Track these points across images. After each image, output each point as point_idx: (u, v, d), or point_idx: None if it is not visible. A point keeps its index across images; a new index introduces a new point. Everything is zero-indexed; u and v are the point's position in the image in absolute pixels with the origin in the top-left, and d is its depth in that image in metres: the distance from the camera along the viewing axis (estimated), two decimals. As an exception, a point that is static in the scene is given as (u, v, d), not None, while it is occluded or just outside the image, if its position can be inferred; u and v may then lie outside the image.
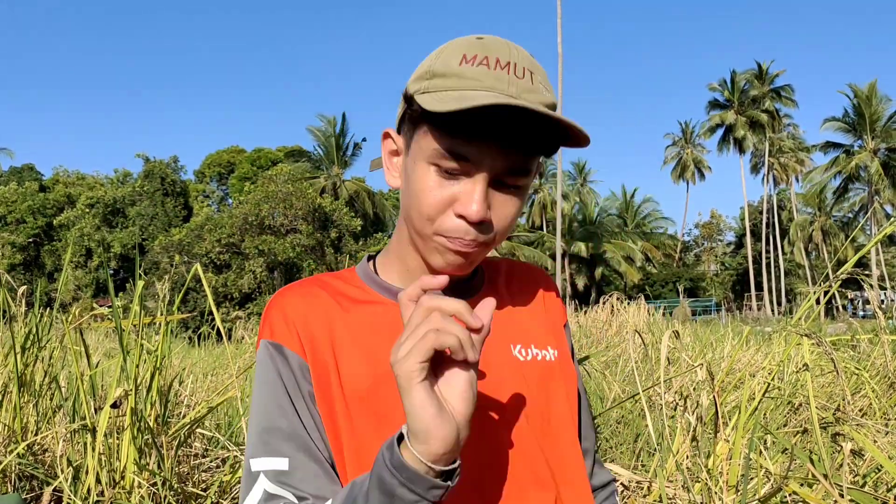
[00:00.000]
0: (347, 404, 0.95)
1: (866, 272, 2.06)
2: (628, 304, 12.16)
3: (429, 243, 0.96)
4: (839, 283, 2.03)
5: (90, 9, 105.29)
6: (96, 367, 2.37)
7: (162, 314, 2.47)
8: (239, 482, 2.02)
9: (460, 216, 0.92)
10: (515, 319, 1.08)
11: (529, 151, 0.92)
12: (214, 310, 2.05)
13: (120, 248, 42.75)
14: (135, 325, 2.31)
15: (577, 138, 0.91)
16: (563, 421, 1.05)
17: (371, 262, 1.10)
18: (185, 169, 55.10)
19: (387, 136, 1.01)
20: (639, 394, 2.24)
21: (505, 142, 0.89)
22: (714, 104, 55.47)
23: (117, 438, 2.05)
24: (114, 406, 1.89)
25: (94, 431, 1.96)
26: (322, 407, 0.96)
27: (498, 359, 1.01)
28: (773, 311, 48.65)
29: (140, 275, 2.02)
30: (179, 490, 2.07)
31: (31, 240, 45.07)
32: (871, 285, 2.35)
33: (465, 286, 1.07)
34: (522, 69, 0.92)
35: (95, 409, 2.13)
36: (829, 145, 48.84)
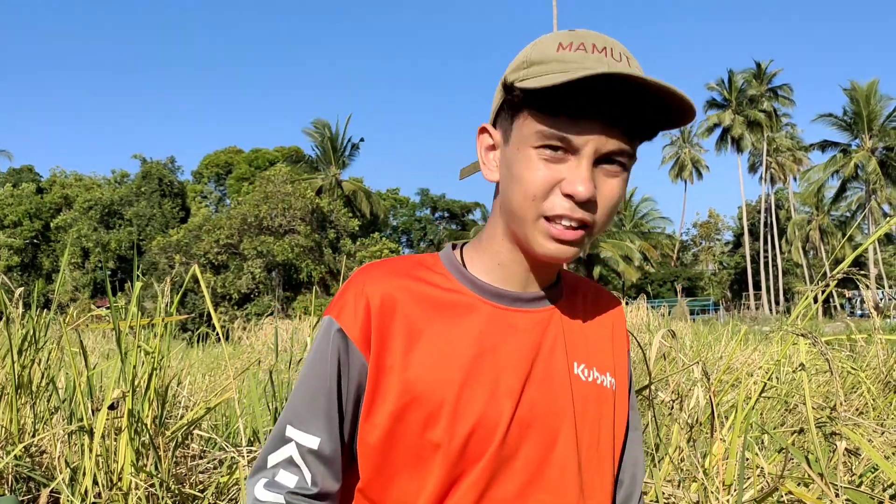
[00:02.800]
0: (400, 400, 0.96)
1: (863, 271, 2.06)
2: (628, 303, 12.17)
3: (534, 229, 0.95)
4: (836, 282, 2.04)
5: (87, 10, 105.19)
6: (94, 368, 2.37)
7: (160, 315, 2.48)
8: (236, 483, 2.03)
9: (567, 195, 0.92)
10: (585, 338, 1.07)
11: (632, 132, 0.94)
12: (212, 311, 2.05)
13: (117, 247, 42.72)
14: (132, 327, 2.31)
15: (681, 113, 0.92)
16: (608, 451, 1.05)
17: (458, 251, 1.07)
18: (182, 170, 55.14)
19: (483, 130, 1.01)
20: (637, 393, 2.24)
21: (609, 119, 0.91)
22: (712, 104, 55.49)
23: (115, 440, 2.05)
24: (111, 407, 1.89)
25: (91, 433, 1.97)
26: (367, 403, 0.99)
27: (560, 373, 1.01)
28: (771, 310, 48.68)
29: (138, 276, 2.02)
30: (177, 491, 2.07)
31: (28, 241, 45.02)
32: (868, 285, 2.35)
33: (548, 291, 1.04)
34: (619, 53, 0.93)
35: (93, 411, 2.13)
36: (826, 144, 48.87)
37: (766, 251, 53.78)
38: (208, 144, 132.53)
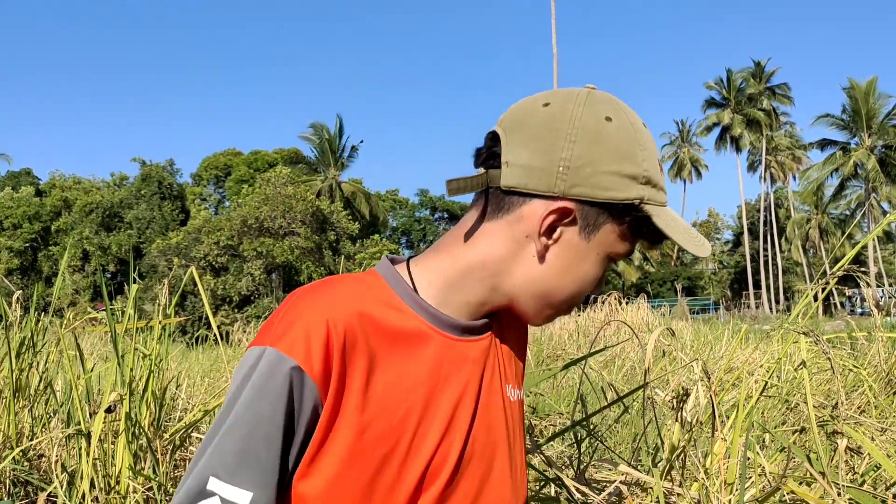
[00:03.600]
0: (356, 444, 0.88)
1: (863, 269, 2.05)
2: (627, 303, 12.17)
3: (547, 310, 0.98)
4: (836, 280, 2.03)
5: (85, 12, 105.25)
6: (91, 371, 2.36)
7: (157, 318, 2.47)
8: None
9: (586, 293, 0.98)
10: (509, 356, 1.06)
11: None
12: (210, 313, 2.04)
13: (117, 250, 42.74)
14: (128, 330, 2.30)
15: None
16: (523, 456, 1.08)
17: (403, 268, 0.99)
18: (181, 172, 55.14)
19: (570, 212, 0.91)
20: (634, 391, 2.23)
21: None
22: (711, 103, 55.56)
23: (112, 443, 2.04)
24: (108, 411, 1.88)
25: (88, 436, 1.96)
26: (313, 447, 0.88)
27: (497, 401, 1.01)
28: (771, 308, 48.68)
29: (135, 278, 2.01)
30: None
31: (27, 244, 45.04)
32: (868, 282, 2.34)
33: (489, 316, 1.02)
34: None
35: (90, 414, 2.12)
36: (826, 143, 48.91)
37: (765, 250, 53.80)
38: (207, 147, 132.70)
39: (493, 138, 0.94)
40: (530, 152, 0.90)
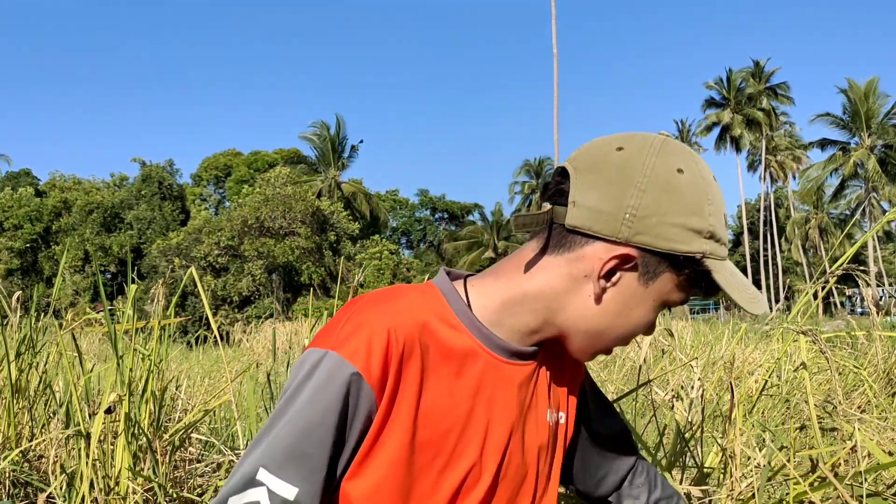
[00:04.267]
0: (402, 451, 0.92)
1: (863, 269, 2.05)
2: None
3: (594, 348, 1.01)
4: (836, 279, 2.03)
5: (83, 13, 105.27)
6: (91, 371, 2.35)
7: (156, 318, 2.46)
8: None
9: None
10: (554, 382, 1.10)
11: None
12: (209, 314, 2.04)
13: (118, 251, 42.76)
14: (127, 330, 2.30)
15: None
16: (556, 482, 1.10)
17: (461, 285, 1.02)
18: (181, 173, 55.14)
19: (632, 259, 0.93)
20: (633, 391, 2.22)
21: None
22: (710, 102, 55.56)
23: (112, 444, 2.04)
24: (107, 411, 1.88)
25: (88, 437, 1.95)
26: (364, 450, 0.92)
27: (537, 425, 1.05)
28: (771, 308, 48.66)
29: (133, 278, 2.01)
30: (175, 495, 2.05)
31: (28, 245, 45.05)
32: (867, 281, 2.34)
33: (538, 344, 1.04)
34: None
35: (90, 415, 2.12)
36: (826, 142, 48.93)
37: (765, 250, 53.81)
38: (207, 147, 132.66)
39: (562, 174, 0.96)
40: (598, 195, 0.92)
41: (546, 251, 0.97)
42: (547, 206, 0.96)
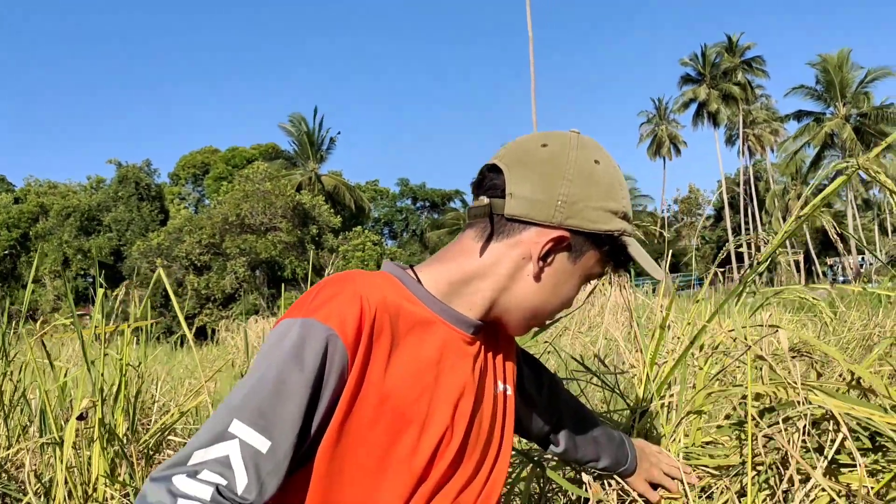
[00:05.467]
0: (376, 412, 0.98)
1: (843, 236, 2.05)
2: (610, 283, 12.19)
3: (531, 323, 1.13)
4: (817, 247, 2.02)
5: (53, 14, 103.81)
6: (65, 377, 2.32)
7: (130, 321, 2.43)
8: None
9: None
10: (498, 357, 1.20)
11: None
12: (181, 315, 2.01)
13: (98, 254, 42.33)
14: (98, 336, 2.27)
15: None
16: (509, 449, 1.20)
17: (409, 271, 1.10)
18: (158, 172, 54.57)
19: (566, 240, 1.06)
20: (623, 372, 2.22)
21: None
22: (686, 79, 55.69)
23: (88, 450, 2.01)
24: (80, 418, 1.85)
25: (63, 444, 1.92)
26: (342, 410, 0.96)
27: (492, 393, 1.16)
28: (755, 281, 49.00)
29: (101, 283, 1.98)
30: (153, 499, 2.03)
31: (6, 252, 44.52)
32: (852, 237, 2.35)
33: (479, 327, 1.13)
34: None
35: (64, 422, 2.09)
36: (801, 114, 49.19)
37: (746, 223, 54.18)
38: (184, 145, 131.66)
39: (492, 170, 1.08)
40: (532, 187, 1.04)
41: (486, 238, 1.08)
42: (484, 199, 1.08)
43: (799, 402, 1.42)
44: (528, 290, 1.08)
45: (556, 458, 1.62)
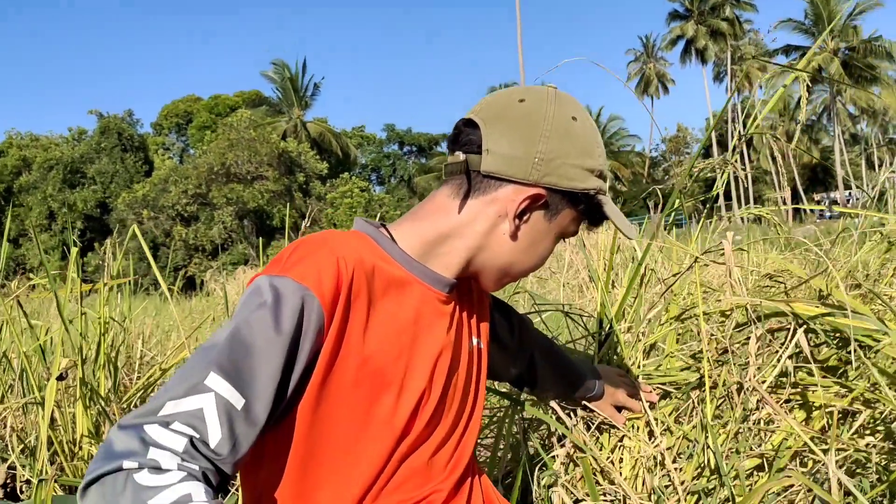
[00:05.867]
0: (357, 372, 0.98)
1: (830, 174, 2.03)
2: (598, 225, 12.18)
3: (505, 280, 1.13)
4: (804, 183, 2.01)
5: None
6: (46, 336, 2.30)
7: (109, 278, 2.40)
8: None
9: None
10: (472, 312, 1.20)
11: None
12: (156, 270, 1.98)
13: (83, 207, 42.02)
14: (96, 289, 2.24)
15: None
16: (482, 401, 1.21)
17: (383, 231, 1.09)
18: (141, 123, 53.80)
19: (541, 198, 1.05)
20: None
21: None
22: (674, 15, 54.92)
23: (71, 409, 2.00)
24: (59, 378, 1.83)
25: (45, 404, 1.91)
26: (321, 371, 0.95)
27: (468, 349, 1.16)
28: (742, 219, 49.29)
29: (75, 241, 1.94)
30: (138, 456, 2.03)
31: (-10, 207, 44.13)
32: (837, 185, 2.33)
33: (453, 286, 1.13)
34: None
35: (46, 381, 2.07)
36: (790, 49, 48.74)
37: (735, 161, 54.10)
38: (166, 94, 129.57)
39: (468, 125, 1.06)
40: (510, 143, 1.03)
41: (462, 195, 1.07)
42: (460, 155, 1.05)
43: (749, 309, 1.46)
44: (504, 247, 1.08)
45: (532, 397, 1.66)
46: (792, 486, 1.34)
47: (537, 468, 1.59)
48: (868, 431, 1.43)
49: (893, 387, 1.33)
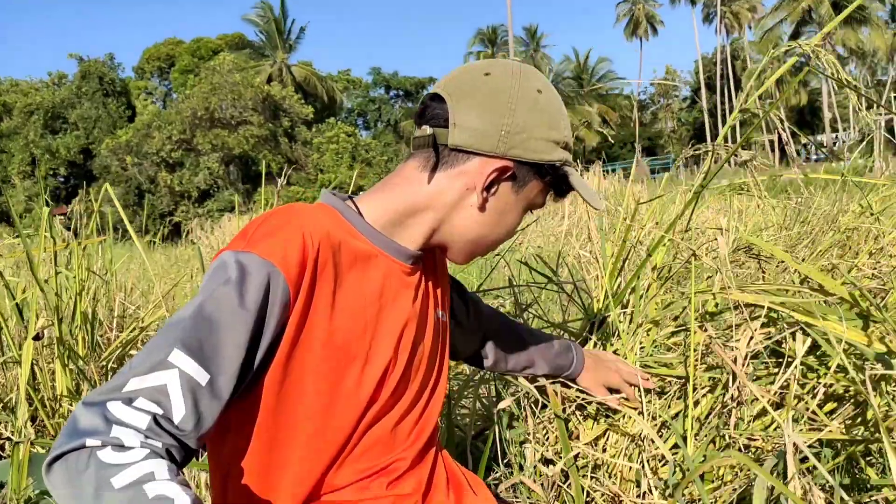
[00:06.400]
0: (324, 348, 0.99)
1: (818, 115, 2.03)
2: (584, 170, 12.16)
3: (474, 253, 1.14)
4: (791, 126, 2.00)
5: None
6: (23, 294, 2.29)
7: (87, 235, 2.39)
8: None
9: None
10: (436, 284, 1.22)
11: None
12: (127, 223, 1.96)
13: (66, 153, 41.48)
14: (81, 244, 2.23)
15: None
16: (446, 372, 1.23)
17: (350, 203, 1.09)
18: (122, 67, 52.91)
19: (509, 170, 1.07)
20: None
21: None
22: (664, -46, 53.92)
23: (50, 368, 2.01)
24: (35, 338, 1.84)
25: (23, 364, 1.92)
26: (286, 347, 0.96)
27: (432, 321, 1.18)
28: (730, 163, 49.21)
29: (47, 201, 1.92)
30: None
31: (-28, 153, 43.46)
32: (823, 128, 2.33)
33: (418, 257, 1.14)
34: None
35: (23, 341, 2.08)
36: (780, -12, 48.04)
37: (723, 104, 53.83)
38: (147, 38, 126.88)
39: (434, 99, 1.08)
40: (476, 117, 1.04)
41: (429, 168, 1.08)
42: (427, 129, 1.07)
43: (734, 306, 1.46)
44: (472, 220, 1.09)
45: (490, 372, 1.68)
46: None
47: (510, 426, 1.62)
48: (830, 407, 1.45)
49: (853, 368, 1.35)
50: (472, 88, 1.06)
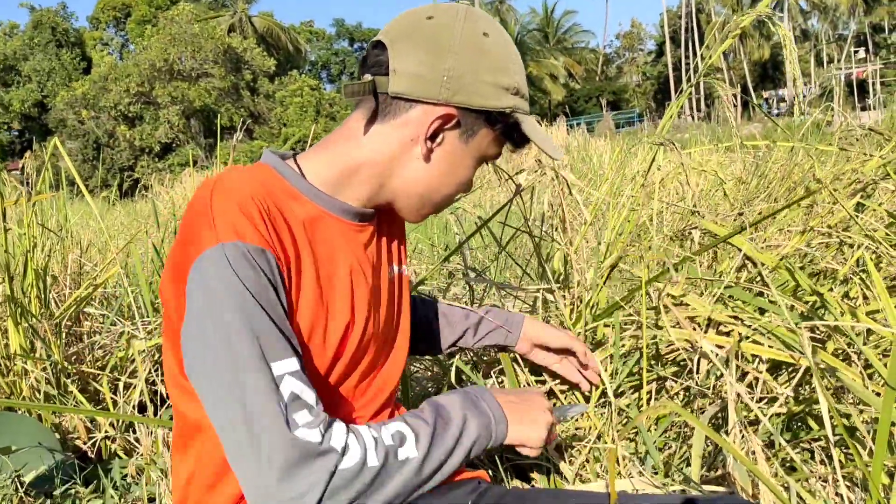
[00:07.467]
0: (312, 315, 0.99)
1: (780, 70, 2.05)
2: (549, 124, 12.15)
3: (425, 209, 1.10)
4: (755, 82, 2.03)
5: None
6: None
7: (38, 192, 2.34)
8: (134, 357, 2.00)
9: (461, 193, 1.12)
10: (392, 240, 1.20)
11: None
12: (79, 180, 1.93)
13: (20, 106, 40.30)
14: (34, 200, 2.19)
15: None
16: (407, 328, 1.21)
17: (292, 162, 1.05)
18: (76, 16, 51.20)
19: (453, 117, 1.01)
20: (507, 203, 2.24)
21: None
22: None
23: (5, 324, 1.99)
24: (-15, 296, 1.81)
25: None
26: (299, 302, 0.97)
27: (391, 278, 1.16)
28: (693, 117, 49.52)
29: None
30: (73, 371, 2.04)
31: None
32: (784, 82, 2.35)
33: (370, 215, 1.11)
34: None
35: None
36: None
37: (688, 58, 53.88)
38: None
39: (377, 46, 1.02)
40: (417, 62, 0.99)
41: (372, 120, 1.03)
42: (367, 76, 1.01)
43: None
44: (419, 173, 1.04)
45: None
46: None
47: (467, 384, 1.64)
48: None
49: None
50: (412, 32, 1.00)
